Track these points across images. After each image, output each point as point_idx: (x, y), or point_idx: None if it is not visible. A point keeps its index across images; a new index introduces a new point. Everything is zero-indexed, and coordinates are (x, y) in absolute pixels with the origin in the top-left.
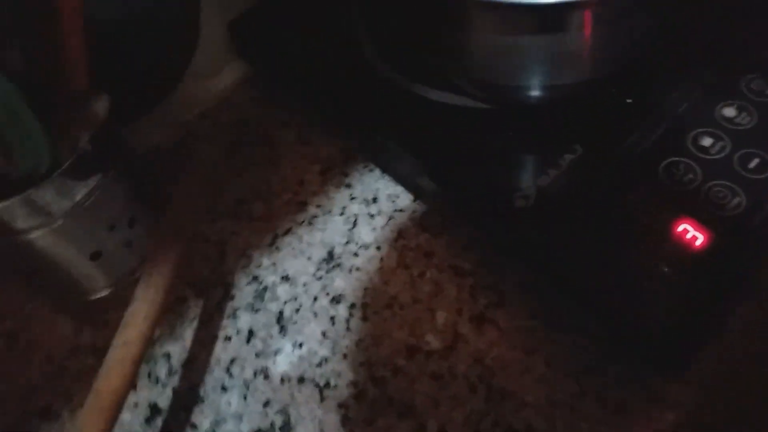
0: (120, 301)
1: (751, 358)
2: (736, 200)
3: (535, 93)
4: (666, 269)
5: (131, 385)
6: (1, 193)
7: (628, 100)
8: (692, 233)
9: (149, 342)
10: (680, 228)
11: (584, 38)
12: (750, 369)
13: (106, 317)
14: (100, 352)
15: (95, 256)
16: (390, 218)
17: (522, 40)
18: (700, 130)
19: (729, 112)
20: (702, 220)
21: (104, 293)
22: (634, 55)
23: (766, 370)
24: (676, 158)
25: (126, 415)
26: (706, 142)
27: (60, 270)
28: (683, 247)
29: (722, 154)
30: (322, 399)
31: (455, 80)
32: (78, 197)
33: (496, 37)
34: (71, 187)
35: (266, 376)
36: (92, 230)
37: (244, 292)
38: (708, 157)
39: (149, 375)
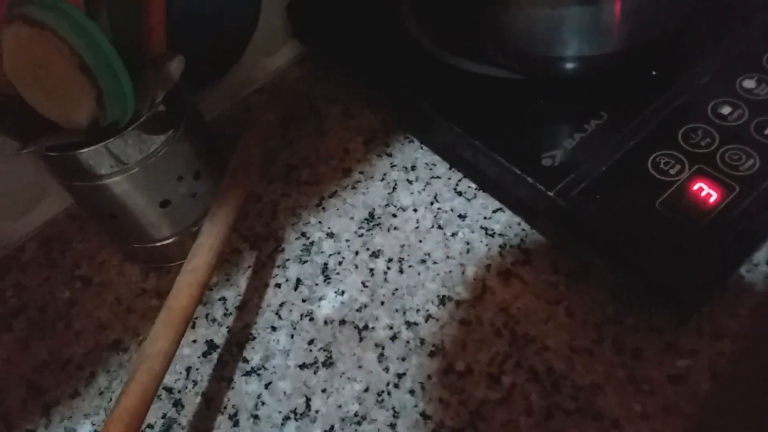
0: (182, 250)
1: (762, 315)
2: (749, 162)
3: (566, 64)
4: (682, 224)
5: (197, 305)
6: (91, 140)
7: (653, 72)
8: (707, 191)
9: (213, 270)
10: (696, 186)
11: (615, 11)
12: (760, 324)
13: (169, 265)
14: (163, 294)
15: (164, 204)
16: (427, 184)
17: (557, 12)
18: (720, 99)
19: (749, 83)
20: (716, 180)
21: (169, 241)
22: (660, 31)
23: None
24: (696, 124)
25: (186, 350)
26: (725, 110)
27: (132, 216)
28: (699, 204)
29: (740, 122)
30: (361, 339)
31: (492, 52)
32: (152, 148)
33: (533, 9)
34: (146, 139)
35: (311, 319)
36: (163, 179)
37: (293, 245)
38: (726, 123)
39: (207, 316)
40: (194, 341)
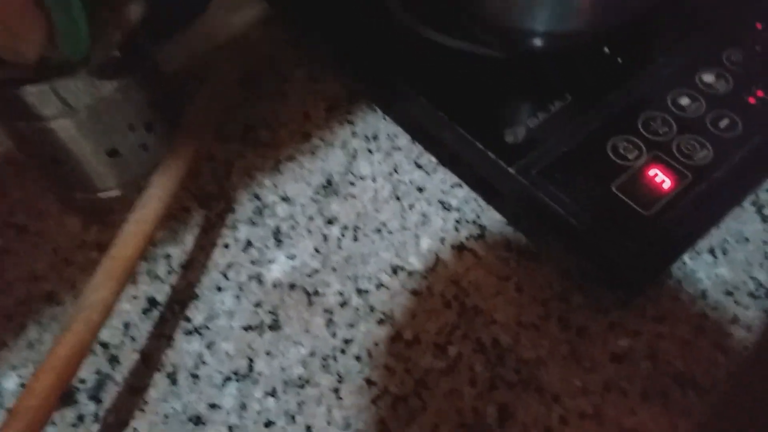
0: (127, 204)
1: (700, 299)
2: (703, 152)
3: (536, 40)
4: (635, 207)
5: (141, 257)
6: (38, 78)
7: (618, 59)
8: (662, 177)
9: (160, 223)
10: (651, 172)
11: None
12: (698, 307)
13: (112, 218)
14: (105, 248)
15: (112, 153)
16: (387, 155)
17: None
18: (680, 90)
19: (708, 78)
20: (671, 167)
21: (114, 194)
22: (627, 16)
23: (715, 311)
24: (655, 112)
25: (125, 306)
26: (684, 101)
27: (77, 162)
28: (653, 189)
29: (697, 114)
30: (310, 304)
31: (464, 23)
32: (103, 93)
33: None
34: (98, 83)
35: (259, 281)
36: (112, 127)
37: (245, 207)
38: (684, 114)
39: (149, 272)
40: (135, 297)
